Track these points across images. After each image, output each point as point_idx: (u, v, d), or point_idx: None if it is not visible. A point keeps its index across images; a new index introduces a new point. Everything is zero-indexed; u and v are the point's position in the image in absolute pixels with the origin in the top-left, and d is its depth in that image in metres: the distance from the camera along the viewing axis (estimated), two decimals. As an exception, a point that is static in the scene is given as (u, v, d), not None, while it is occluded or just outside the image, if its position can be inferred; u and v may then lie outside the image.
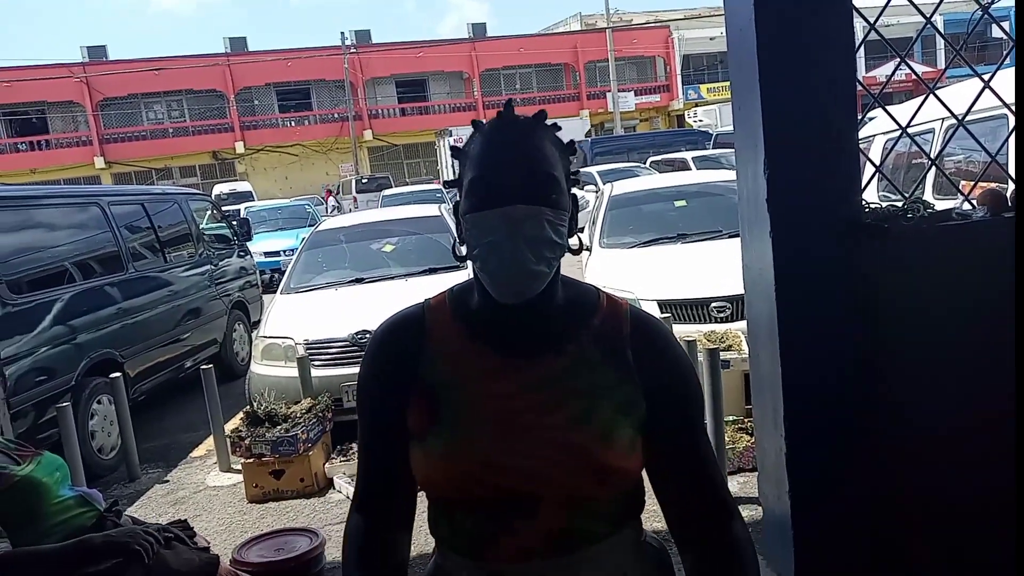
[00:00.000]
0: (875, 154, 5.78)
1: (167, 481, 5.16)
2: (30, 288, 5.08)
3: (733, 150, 2.98)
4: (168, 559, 2.32)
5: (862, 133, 2.83)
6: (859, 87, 2.62)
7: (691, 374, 1.21)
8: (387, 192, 20.79)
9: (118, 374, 5.28)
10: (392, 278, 6.26)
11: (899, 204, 2.71)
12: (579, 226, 1.21)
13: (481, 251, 1.09)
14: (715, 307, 5.16)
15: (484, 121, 1.16)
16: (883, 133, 6.02)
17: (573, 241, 1.18)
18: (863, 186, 2.64)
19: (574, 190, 1.18)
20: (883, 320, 2.60)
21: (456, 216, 1.17)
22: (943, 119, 4.98)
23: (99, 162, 33.14)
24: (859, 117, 2.65)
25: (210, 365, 5.54)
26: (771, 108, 2.52)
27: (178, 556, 2.37)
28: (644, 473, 1.21)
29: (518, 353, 1.14)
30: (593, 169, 16.57)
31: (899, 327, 2.60)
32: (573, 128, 27.63)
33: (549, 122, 1.16)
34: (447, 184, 1.28)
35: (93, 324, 5.55)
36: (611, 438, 1.10)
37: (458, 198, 1.16)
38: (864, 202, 2.64)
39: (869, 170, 2.80)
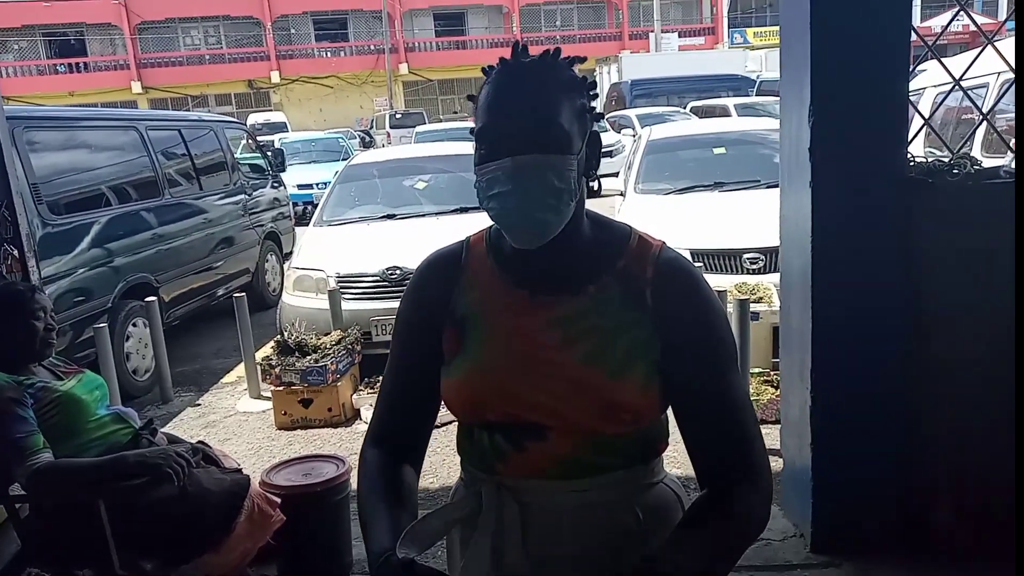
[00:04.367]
0: (924, 108, 5.59)
1: (199, 405, 5.30)
2: (69, 210, 5.14)
3: (777, 98, 2.90)
4: (200, 478, 2.40)
5: (912, 85, 2.74)
6: (913, 36, 2.52)
7: (716, 319, 1.16)
8: (421, 128, 20.63)
9: (153, 298, 5.37)
10: (423, 215, 6.24)
11: (945, 159, 2.63)
12: (605, 167, 1.16)
13: (489, 203, 1.10)
14: (748, 258, 5.09)
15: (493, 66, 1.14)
16: (935, 86, 5.82)
17: (596, 182, 1.15)
18: (910, 139, 2.57)
19: (600, 126, 1.12)
20: (924, 277, 2.55)
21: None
22: (999, 73, 4.80)
23: (136, 87, 33.22)
24: (911, 68, 2.56)
25: (242, 294, 5.60)
26: (820, 54, 2.45)
27: (210, 476, 2.45)
28: (669, 416, 1.21)
29: (542, 291, 1.17)
30: (631, 112, 16.26)
31: (940, 284, 2.55)
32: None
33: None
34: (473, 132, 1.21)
35: (129, 248, 5.62)
36: (621, 377, 1.11)
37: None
38: (910, 155, 2.57)
39: (916, 123, 2.71)
